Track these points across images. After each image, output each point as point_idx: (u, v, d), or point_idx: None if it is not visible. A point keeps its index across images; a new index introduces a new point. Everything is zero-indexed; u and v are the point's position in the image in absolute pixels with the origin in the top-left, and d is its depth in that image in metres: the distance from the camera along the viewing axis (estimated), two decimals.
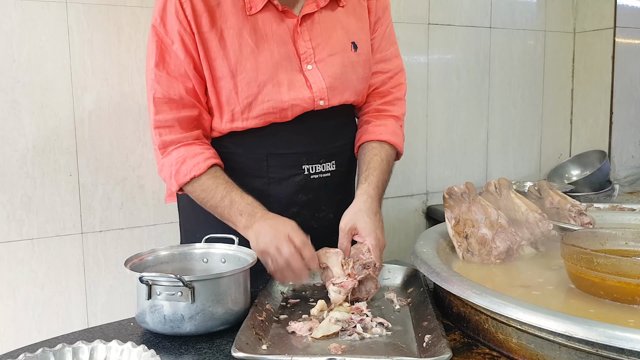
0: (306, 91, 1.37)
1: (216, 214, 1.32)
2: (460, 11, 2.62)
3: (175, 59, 1.32)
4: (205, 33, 1.31)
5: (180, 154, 1.33)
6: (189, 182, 1.32)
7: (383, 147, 1.47)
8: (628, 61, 2.87)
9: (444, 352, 0.87)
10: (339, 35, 1.43)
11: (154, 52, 1.33)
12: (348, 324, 1.02)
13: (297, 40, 1.37)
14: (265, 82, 1.33)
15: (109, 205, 1.93)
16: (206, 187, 1.32)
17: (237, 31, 1.32)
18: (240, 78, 1.32)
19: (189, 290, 1.00)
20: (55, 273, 1.87)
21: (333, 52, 1.41)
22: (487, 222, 1.25)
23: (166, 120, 1.33)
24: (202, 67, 1.32)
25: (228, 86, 1.33)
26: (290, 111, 1.36)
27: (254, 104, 1.33)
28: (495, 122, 2.80)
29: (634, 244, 1.15)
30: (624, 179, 2.94)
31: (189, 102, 1.34)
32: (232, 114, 1.35)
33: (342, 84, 1.41)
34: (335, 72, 1.40)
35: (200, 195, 1.33)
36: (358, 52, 1.45)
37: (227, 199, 1.29)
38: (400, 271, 1.29)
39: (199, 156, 1.33)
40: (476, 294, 0.94)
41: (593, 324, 0.78)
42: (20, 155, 1.78)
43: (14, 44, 1.75)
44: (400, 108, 1.56)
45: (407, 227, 2.58)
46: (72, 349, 0.86)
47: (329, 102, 1.40)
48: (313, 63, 1.38)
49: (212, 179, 1.32)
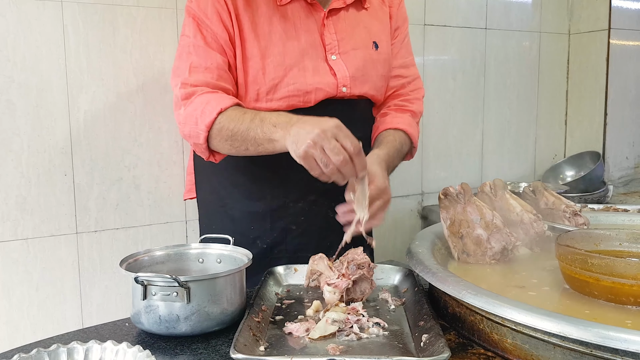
0: (330, 78, 1.42)
1: (250, 140, 1.27)
2: (456, 12, 2.63)
3: (211, 33, 1.36)
4: (240, 14, 1.37)
5: (204, 98, 1.33)
6: (216, 120, 1.29)
7: (398, 133, 1.52)
8: (622, 63, 2.88)
9: (443, 352, 0.87)
10: (362, 33, 1.50)
11: (191, 27, 1.37)
12: (345, 324, 1.02)
13: (323, 31, 1.44)
14: (292, 66, 1.39)
15: (104, 205, 1.92)
16: (234, 116, 1.29)
17: (267, 18, 1.39)
18: (269, 61, 1.38)
19: (185, 290, 1.00)
20: (50, 273, 1.87)
21: (356, 46, 1.47)
22: (482, 222, 1.25)
23: (198, 80, 1.34)
24: (235, 44, 1.37)
25: (256, 66, 1.38)
26: (313, 95, 1.40)
27: (280, 85, 1.38)
28: (491, 123, 2.81)
29: (628, 245, 1.15)
30: (618, 180, 2.96)
31: (224, 74, 1.37)
32: (257, 93, 1.39)
33: (363, 76, 1.47)
34: (358, 64, 1.46)
35: (229, 125, 1.28)
36: (379, 51, 1.51)
37: (257, 118, 1.26)
38: (393, 271, 1.30)
39: (223, 96, 1.34)
40: (471, 294, 0.94)
41: (587, 325, 0.79)
42: (15, 155, 1.78)
43: (9, 44, 1.74)
44: (418, 106, 1.63)
45: (403, 227, 2.59)
46: (67, 350, 0.86)
47: (350, 91, 1.45)
48: (337, 54, 1.45)
49: (238, 109, 1.31)
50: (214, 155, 1.39)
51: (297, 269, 1.30)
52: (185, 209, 2.05)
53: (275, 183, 1.43)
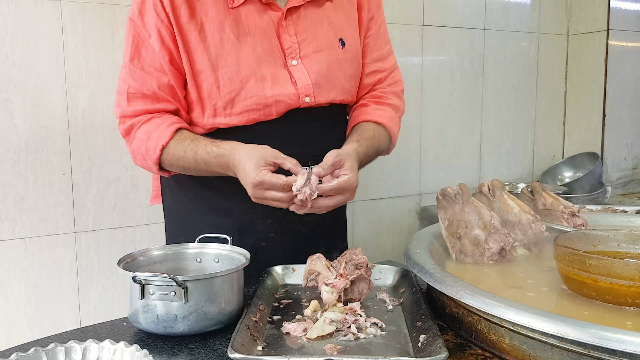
0: (291, 87, 1.33)
1: (203, 172, 1.31)
2: (455, 13, 2.63)
3: (151, 53, 1.29)
4: (184, 25, 1.28)
5: (143, 132, 1.31)
6: (163, 156, 1.31)
7: (378, 129, 1.43)
8: (621, 64, 2.89)
9: (440, 352, 0.87)
10: (326, 32, 1.39)
11: (130, 46, 1.31)
12: (342, 324, 1.02)
13: (281, 34, 1.33)
14: (248, 78, 1.29)
15: (102, 204, 1.92)
16: (178, 156, 1.29)
17: (217, 24, 1.29)
18: (222, 73, 1.29)
19: (182, 290, 1.00)
20: (48, 272, 1.86)
21: (319, 48, 1.37)
22: (480, 223, 1.25)
23: (136, 111, 1.32)
24: (182, 59, 1.29)
25: (209, 80, 1.29)
26: (274, 108, 1.32)
27: (237, 99, 1.30)
28: (489, 123, 2.81)
29: (626, 246, 1.15)
30: (616, 180, 2.96)
31: (163, 97, 1.31)
32: (214, 109, 1.31)
33: (329, 81, 1.37)
34: (321, 68, 1.36)
35: (179, 165, 1.31)
36: (345, 49, 1.41)
37: (200, 162, 1.28)
38: (391, 271, 1.29)
39: (160, 126, 1.30)
40: (469, 294, 0.94)
41: (585, 325, 0.79)
42: (13, 154, 1.78)
43: (8, 43, 1.74)
44: (399, 100, 1.53)
45: (401, 227, 2.59)
46: (65, 349, 0.86)
47: (315, 100, 1.35)
48: (298, 58, 1.35)
49: (179, 145, 1.29)
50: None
51: (295, 269, 1.30)
52: None
53: (243, 198, 1.27)
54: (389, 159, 2.47)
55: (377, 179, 2.50)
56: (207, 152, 1.27)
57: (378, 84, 1.51)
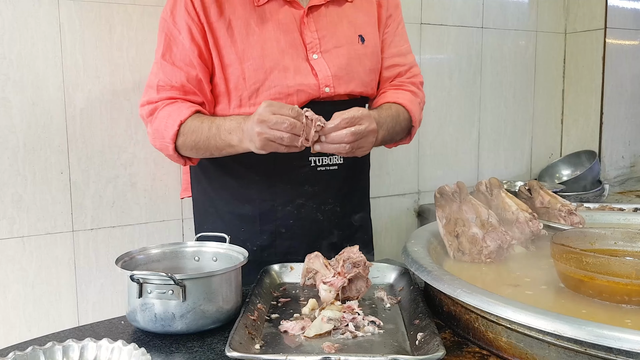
0: (312, 78, 1.40)
1: (212, 148, 1.34)
2: (453, 11, 2.63)
3: (181, 49, 1.37)
4: (214, 22, 1.36)
5: (165, 112, 1.37)
6: (179, 132, 1.35)
7: (396, 106, 1.47)
8: (618, 62, 2.89)
9: (438, 350, 0.87)
10: (345, 29, 1.46)
11: (162, 43, 1.39)
12: (340, 322, 1.03)
13: (303, 30, 1.41)
14: (272, 69, 1.37)
15: (100, 203, 1.92)
16: (194, 128, 1.34)
17: (244, 21, 1.37)
18: (248, 65, 1.37)
19: (180, 288, 1.00)
20: (46, 271, 1.86)
21: (339, 44, 1.44)
22: (478, 221, 1.25)
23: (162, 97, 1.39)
24: (211, 55, 1.37)
25: (236, 72, 1.37)
26: (296, 97, 1.38)
27: (261, 89, 1.37)
28: (487, 121, 2.81)
29: (623, 244, 1.16)
30: (614, 179, 2.96)
31: (190, 89, 1.38)
32: (240, 99, 1.39)
33: (348, 74, 1.44)
34: (341, 62, 1.43)
35: (192, 138, 1.35)
36: (365, 44, 1.48)
37: (213, 127, 1.32)
38: (389, 270, 1.30)
39: (182, 106, 1.37)
40: (466, 292, 0.94)
41: (582, 323, 0.79)
42: (11, 153, 1.77)
43: (5, 41, 1.73)
44: (418, 90, 1.57)
45: (399, 226, 2.59)
46: (62, 347, 0.86)
47: (334, 90, 1.42)
48: (319, 53, 1.42)
49: (197, 119, 1.35)
50: (190, 160, 1.45)
51: (293, 267, 1.30)
52: (181, 207, 2.05)
53: (264, 187, 1.43)
54: (388, 157, 2.49)
55: (375, 177, 2.48)
56: (224, 118, 1.33)
57: (397, 77, 1.57)
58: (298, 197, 1.44)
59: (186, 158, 1.44)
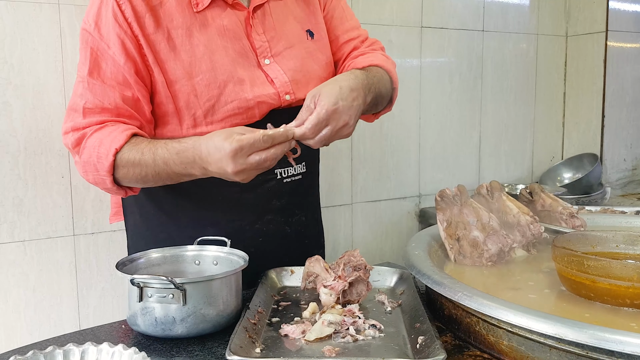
0: (269, 87, 1.28)
1: (165, 180, 1.20)
2: (453, 14, 2.63)
3: (112, 66, 1.21)
4: (151, 35, 1.21)
5: (95, 139, 1.19)
6: (116, 163, 1.17)
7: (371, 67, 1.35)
8: (620, 65, 2.89)
9: (438, 354, 0.87)
10: (293, 26, 1.36)
11: (87, 59, 1.22)
12: (341, 326, 1.02)
13: (250, 34, 1.29)
14: (226, 82, 1.24)
15: (101, 207, 1.92)
16: (135, 160, 1.16)
17: (185, 30, 1.23)
18: (198, 80, 1.23)
19: (181, 292, 1.00)
20: (47, 275, 1.86)
21: (289, 44, 1.34)
22: (479, 224, 1.25)
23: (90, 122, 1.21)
24: (150, 71, 1.22)
25: (185, 89, 1.23)
26: (257, 109, 1.27)
27: (217, 105, 1.24)
28: (488, 125, 2.81)
29: (625, 247, 1.15)
30: (615, 182, 2.96)
31: (126, 112, 1.22)
32: (194, 118, 1.25)
33: (305, 76, 1.34)
34: (295, 64, 1.33)
35: (135, 172, 1.18)
36: (315, 39, 1.39)
37: (160, 162, 1.16)
38: (390, 273, 1.29)
39: (114, 131, 1.18)
40: (467, 296, 0.94)
41: (583, 326, 0.79)
42: (12, 157, 1.78)
43: (6, 46, 1.74)
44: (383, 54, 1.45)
45: (400, 229, 2.59)
46: (63, 352, 0.86)
47: (295, 97, 1.31)
48: (270, 57, 1.31)
49: (134, 149, 1.17)
50: (131, 189, 1.28)
51: (293, 271, 1.30)
52: None
53: (229, 206, 1.28)
54: (388, 160, 2.49)
55: (376, 181, 2.50)
56: (167, 149, 1.15)
57: (356, 49, 1.46)
58: (266, 213, 1.32)
59: (127, 188, 1.26)
